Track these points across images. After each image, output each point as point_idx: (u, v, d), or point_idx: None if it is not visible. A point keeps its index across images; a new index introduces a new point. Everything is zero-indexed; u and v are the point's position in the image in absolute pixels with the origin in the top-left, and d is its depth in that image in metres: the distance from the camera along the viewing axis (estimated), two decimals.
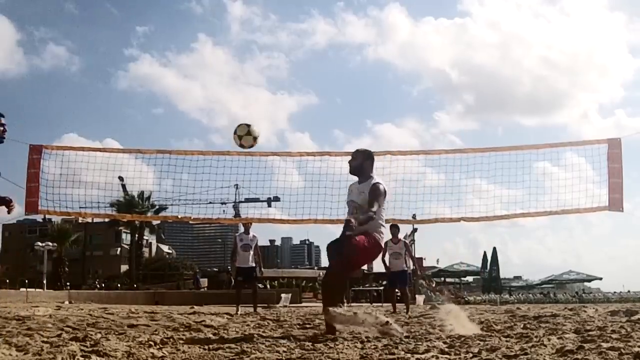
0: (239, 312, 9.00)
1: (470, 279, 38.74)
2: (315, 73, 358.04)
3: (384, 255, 10.02)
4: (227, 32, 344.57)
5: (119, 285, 37.30)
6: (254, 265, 9.54)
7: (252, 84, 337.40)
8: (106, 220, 41.10)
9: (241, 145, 6.83)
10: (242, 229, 9.91)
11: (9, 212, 4.73)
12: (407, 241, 11.36)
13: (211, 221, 13.90)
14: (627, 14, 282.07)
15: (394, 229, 9.91)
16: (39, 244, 36.09)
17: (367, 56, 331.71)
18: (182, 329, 5.01)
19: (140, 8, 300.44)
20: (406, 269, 10.40)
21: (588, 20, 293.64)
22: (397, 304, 10.63)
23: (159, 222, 55.98)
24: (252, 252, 9.55)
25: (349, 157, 4.95)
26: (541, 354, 2.75)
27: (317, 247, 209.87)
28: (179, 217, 9.67)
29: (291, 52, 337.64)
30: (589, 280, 35.10)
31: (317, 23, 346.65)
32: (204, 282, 33.05)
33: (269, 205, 29.21)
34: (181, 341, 3.83)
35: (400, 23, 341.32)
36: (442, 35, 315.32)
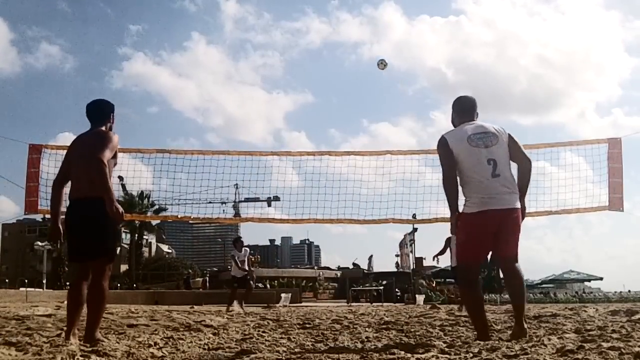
0: (230, 308, 10.06)
1: None
2: (311, 72, 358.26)
3: (444, 249, 9.82)
4: (220, 30, 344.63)
5: (118, 285, 37.21)
6: (246, 271, 11.09)
7: (247, 82, 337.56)
8: None
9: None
10: (237, 250, 11.39)
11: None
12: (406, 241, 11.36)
13: (211, 221, 13.91)
14: (622, 12, 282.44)
15: None
16: (39, 243, 36.01)
17: (362, 55, 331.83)
18: (182, 329, 5.00)
19: (133, 6, 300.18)
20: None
21: (583, 18, 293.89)
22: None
23: (158, 221, 55.89)
24: (245, 263, 11.18)
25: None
26: (541, 354, 2.74)
27: (317, 246, 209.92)
28: (179, 216, 9.69)
29: (286, 51, 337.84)
30: (589, 280, 35.05)
31: (312, 22, 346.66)
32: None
33: (269, 205, 29.22)
34: (181, 341, 3.82)
35: (395, 21, 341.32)
36: (437, 33, 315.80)
